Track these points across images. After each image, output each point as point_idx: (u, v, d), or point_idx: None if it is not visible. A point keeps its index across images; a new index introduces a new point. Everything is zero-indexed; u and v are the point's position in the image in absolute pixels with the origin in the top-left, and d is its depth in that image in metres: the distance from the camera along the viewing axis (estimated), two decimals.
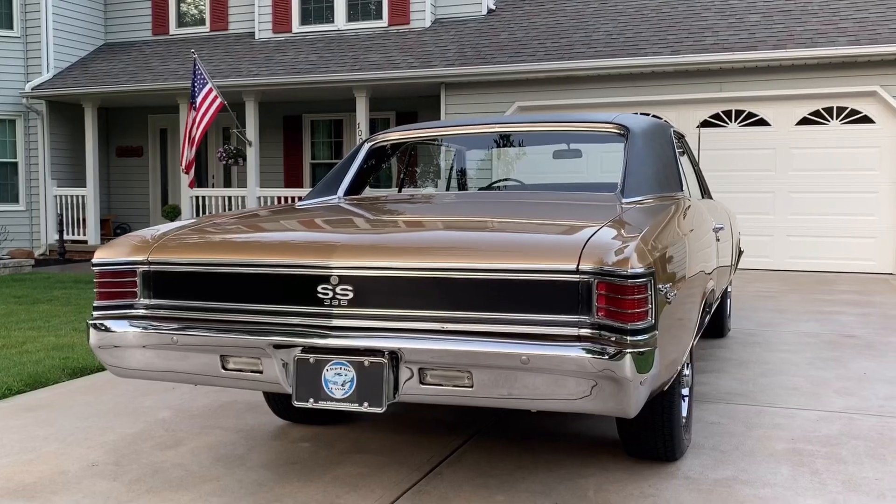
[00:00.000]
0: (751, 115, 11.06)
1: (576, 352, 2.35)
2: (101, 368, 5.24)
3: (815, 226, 10.85)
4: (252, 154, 13.28)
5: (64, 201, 14.33)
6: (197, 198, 13.55)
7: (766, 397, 4.42)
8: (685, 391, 3.45)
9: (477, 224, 3.04)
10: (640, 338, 2.35)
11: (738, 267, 10.52)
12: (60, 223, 14.14)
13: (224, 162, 13.62)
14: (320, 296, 2.64)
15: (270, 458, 3.53)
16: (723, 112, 11.17)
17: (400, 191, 5.09)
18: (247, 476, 3.29)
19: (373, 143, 4.17)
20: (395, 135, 4.17)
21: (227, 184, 15.15)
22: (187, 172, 12.73)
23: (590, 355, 2.34)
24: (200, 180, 14.97)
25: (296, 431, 3.89)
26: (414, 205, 3.77)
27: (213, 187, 15.01)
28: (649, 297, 2.39)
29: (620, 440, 3.39)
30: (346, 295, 2.61)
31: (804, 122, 10.85)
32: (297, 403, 2.69)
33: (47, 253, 14.41)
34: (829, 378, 4.83)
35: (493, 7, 13.49)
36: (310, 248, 2.73)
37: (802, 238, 10.94)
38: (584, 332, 2.40)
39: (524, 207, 3.37)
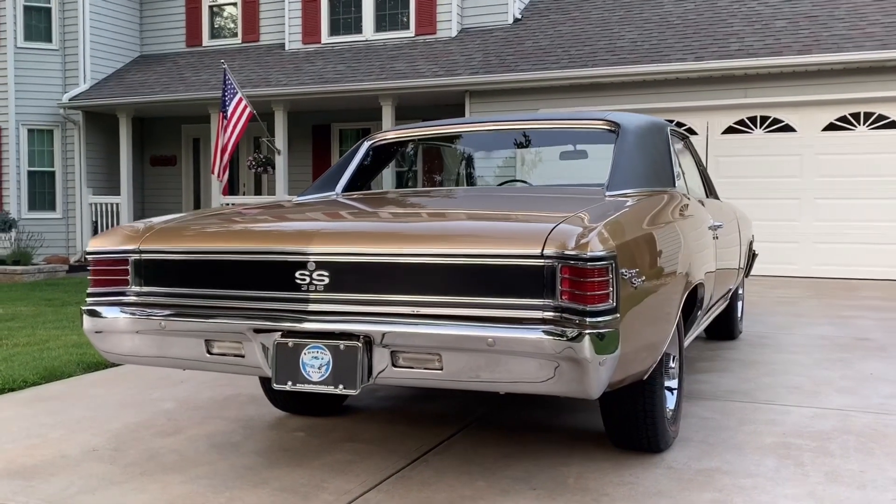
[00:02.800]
0: (776, 120, 10.97)
1: (537, 334, 2.42)
2: (116, 364, 5.40)
3: (842, 232, 10.71)
4: (281, 162, 13.51)
5: (99, 209, 14.68)
6: (229, 205, 13.79)
7: (764, 395, 4.41)
8: (671, 383, 3.48)
9: (453, 214, 3.12)
10: (599, 319, 2.41)
11: (764, 274, 10.47)
12: (95, 230, 14.50)
13: (254, 170, 13.87)
14: (298, 281, 2.74)
15: (264, 445, 3.62)
16: (748, 118, 11.10)
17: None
18: (238, 461, 3.39)
19: (372, 141, 4.27)
20: (392, 133, 4.27)
21: (258, 191, 15.41)
22: (220, 179, 12.97)
23: (550, 337, 2.40)
24: (232, 188, 15.25)
25: (293, 422, 3.99)
26: (403, 199, 3.86)
27: (244, 195, 15.28)
28: (610, 281, 2.44)
29: (605, 430, 3.43)
30: (323, 280, 2.70)
31: (831, 127, 10.73)
32: (276, 386, 2.79)
33: (82, 259, 14.75)
34: (833, 378, 4.80)
35: (519, 16, 13.58)
36: (288, 235, 2.83)
37: (829, 245, 10.80)
38: (548, 315, 2.46)
39: (507, 201, 3.44)
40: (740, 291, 6.22)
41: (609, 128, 3.80)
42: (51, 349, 5.95)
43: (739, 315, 6.22)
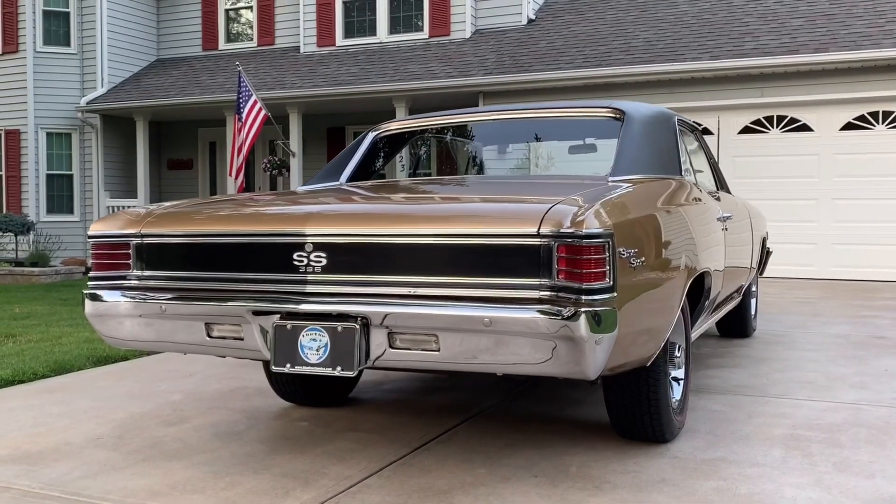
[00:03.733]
0: (793, 120, 10.87)
1: (532, 313, 2.39)
2: (125, 357, 5.42)
3: (861, 233, 10.57)
4: (296, 164, 13.55)
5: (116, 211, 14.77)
6: None
7: (776, 389, 4.35)
8: (677, 373, 3.43)
9: (451, 197, 3.10)
10: (595, 297, 2.38)
11: (782, 276, 10.36)
12: None
13: (269, 172, 13.92)
14: (296, 263, 2.73)
15: (267, 434, 3.61)
16: (764, 118, 11.00)
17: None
18: (241, 449, 3.38)
19: (377, 132, 4.27)
20: (396, 124, 4.26)
21: None
22: (236, 179, 13.00)
23: (546, 316, 2.37)
24: (248, 190, 15.30)
25: (297, 412, 3.98)
26: (403, 185, 3.85)
27: None
28: (607, 259, 2.41)
29: (610, 420, 3.39)
30: (320, 262, 2.69)
31: (848, 127, 10.61)
32: (274, 368, 2.77)
33: None
34: (847, 374, 4.73)
35: (534, 17, 13.56)
36: (286, 218, 2.82)
37: (848, 246, 10.66)
38: (545, 294, 2.44)
39: (508, 187, 3.41)
40: (754, 288, 6.15)
41: (615, 115, 3.77)
42: (62, 344, 5.99)
43: (753, 313, 6.14)
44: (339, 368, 2.67)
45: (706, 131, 11.02)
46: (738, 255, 4.71)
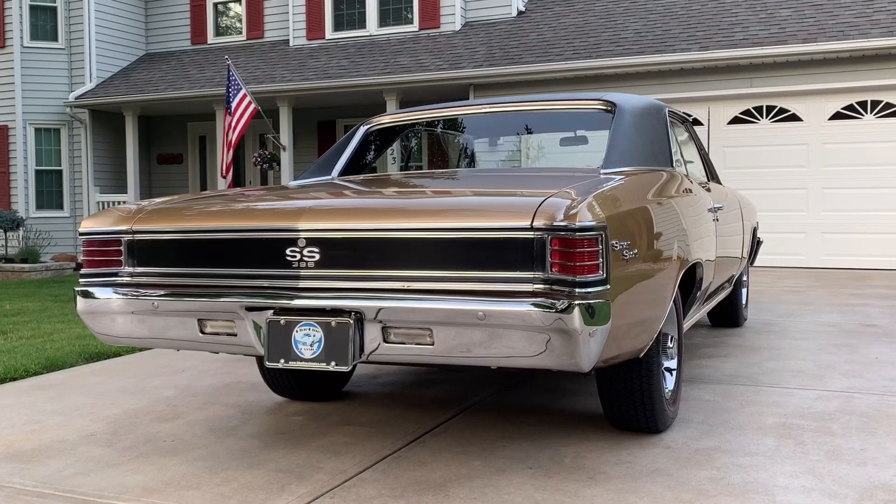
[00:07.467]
0: (782, 110, 10.90)
1: (527, 306, 2.39)
2: (117, 353, 5.41)
3: (850, 222, 10.62)
4: (286, 158, 13.51)
5: (106, 207, 14.69)
6: None
7: (768, 379, 4.37)
8: (670, 364, 3.45)
9: (444, 191, 3.10)
10: (589, 290, 2.39)
11: (772, 265, 10.41)
12: None
13: (259, 166, 13.88)
14: (289, 258, 2.73)
15: (261, 429, 3.61)
16: (753, 108, 11.04)
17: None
18: (235, 444, 3.38)
19: (368, 126, 4.26)
20: (388, 118, 4.26)
21: None
22: (225, 177, 12.98)
23: (540, 309, 2.38)
24: (238, 184, 15.25)
25: (291, 407, 3.98)
26: (396, 179, 3.85)
27: None
28: (600, 252, 2.42)
29: (603, 411, 3.40)
30: (313, 257, 2.69)
31: (837, 116, 10.65)
32: (268, 364, 2.78)
33: None
34: (838, 362, 4.76)
35: (523, 9, 13.55)
36: (279, 213, 2.82)
37: (838, 235, 10.71)
38: (539, 287, 2.44)
39: (500, 180, 3.42)
40: (745, 278, 6.18)
41: (605, 107, 3.77)
42: (54, 341, 5.97)
43: (744, 302, 6.18)
44: (333, 363, 2.68)
45: (696, 122, 11.05)
46: (729, 246, 4.73)
